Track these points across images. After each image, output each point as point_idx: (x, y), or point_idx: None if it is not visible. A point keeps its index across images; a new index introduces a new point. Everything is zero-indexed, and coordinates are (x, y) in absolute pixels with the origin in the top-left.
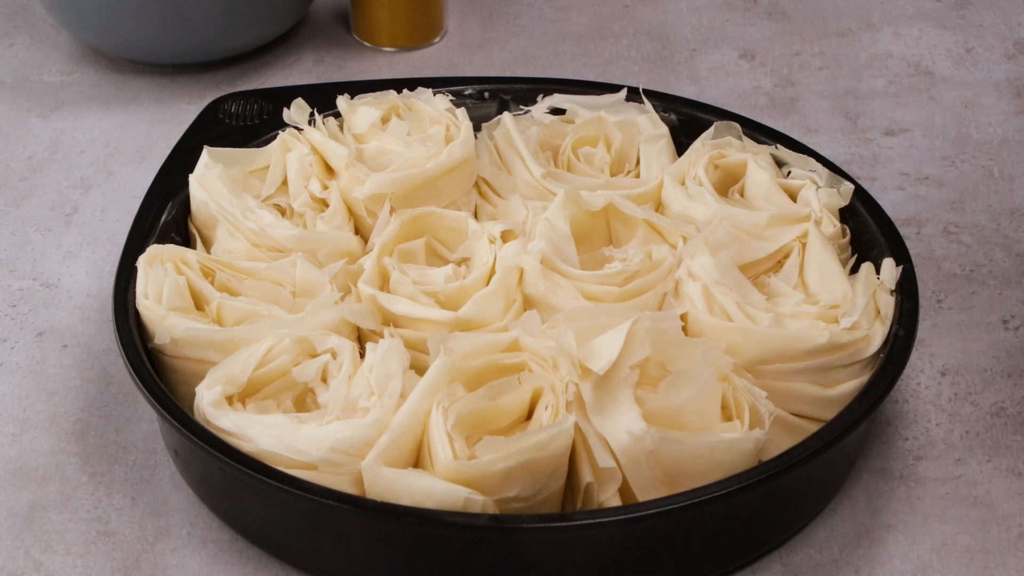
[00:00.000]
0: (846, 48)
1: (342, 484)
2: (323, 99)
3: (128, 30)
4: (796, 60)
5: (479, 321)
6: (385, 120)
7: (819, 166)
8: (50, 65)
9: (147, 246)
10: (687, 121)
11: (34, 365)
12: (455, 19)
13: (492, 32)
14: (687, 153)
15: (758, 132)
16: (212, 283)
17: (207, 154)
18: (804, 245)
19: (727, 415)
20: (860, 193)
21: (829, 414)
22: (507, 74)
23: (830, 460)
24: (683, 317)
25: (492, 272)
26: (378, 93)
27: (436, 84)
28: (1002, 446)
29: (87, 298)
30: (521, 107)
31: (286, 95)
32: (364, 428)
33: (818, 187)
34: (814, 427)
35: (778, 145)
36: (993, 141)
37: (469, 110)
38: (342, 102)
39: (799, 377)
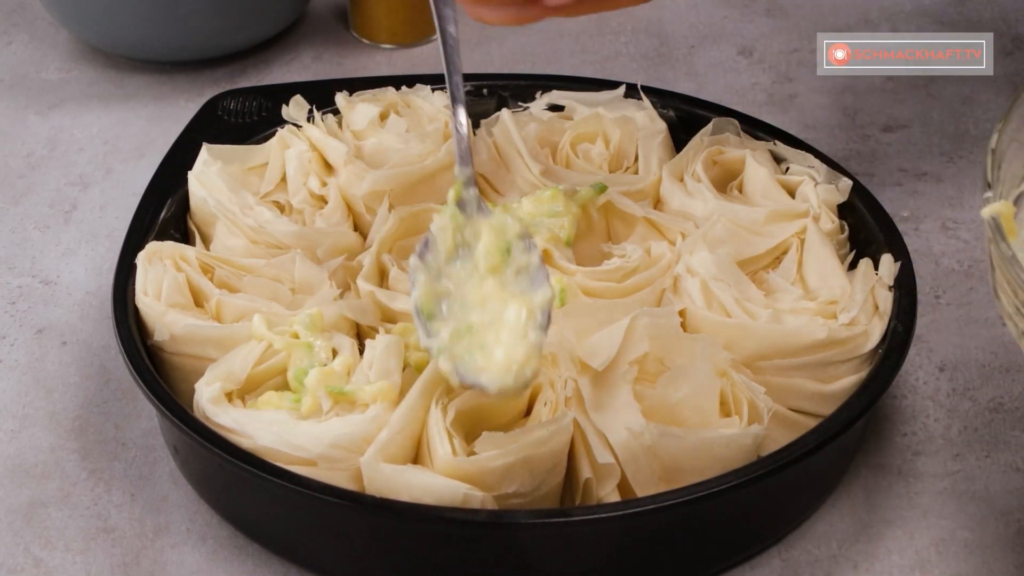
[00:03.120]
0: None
1: (341, 480)
2: (322, 96)
3: (127, 28)
4: (794, 56)
5: None
6: (384, 117)
7: (817, 162)
8: (49, 63)
9: (146, 243)
10: (685, 117)
11: (33, 362)
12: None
13: (490, 29)
14: (685, 149)
15: (756, 128)
16: (211, 280)
17: (206, 151)
18: (802, 241)
19: (726, 411)
20: (858, 189)
21: (828, 410)
22: (505, 71)
23: (828, 455)
24: (682, 313)
25: None
26: (376, 90)
27: (435, 81)
28: (1000, 441)
29: (86, 295)
30: (519, 104)
31: (285, 92)
32: (363, 424)
33: (816, 183)
34: (813, 423)
35: (776, 141)
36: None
37: (467, 107)
38: (341, 99)
39: (797, 373)
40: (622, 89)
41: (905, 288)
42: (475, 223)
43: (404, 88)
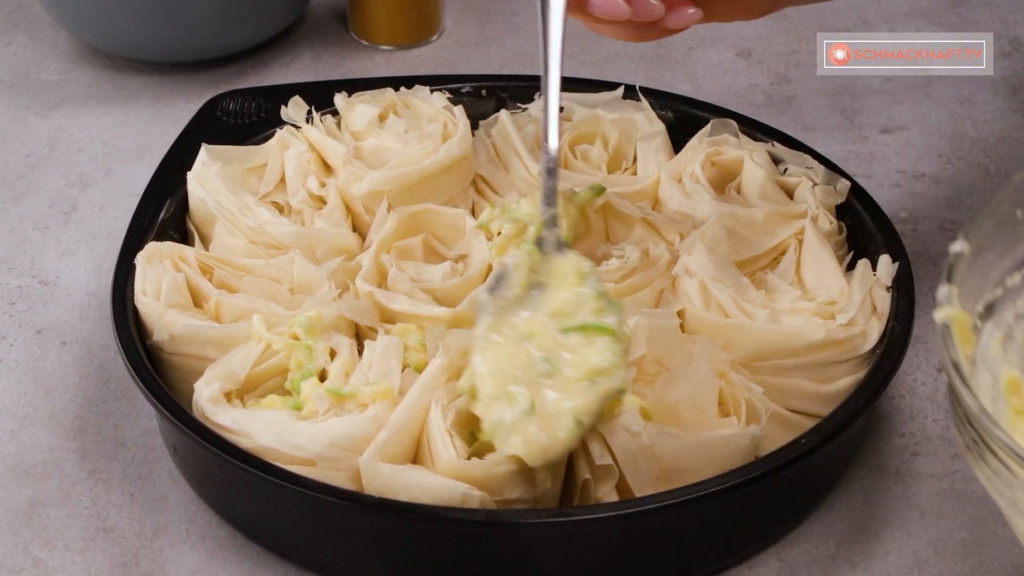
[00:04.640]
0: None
1: (340, 480)
2: (321, 97)
3: (126, 28)
4: (793, 58)
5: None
6: (383, 118)
7: (816, 163)
8: (48, 63)
9: (145, 243)
10: (684, 119)
11: (33, 362)
12: (452, 17)
13: (489, 30)
14: (684, 150)
15: (755, 129)
16: (210, 280)
17: (205, 152)
18: (801, 242)
19: (724, 411)
20: (856, 190)
21: (826, 410)
22: (504, 72)
23: (826, 456)
24: (680, 314)
25: (489, 269)
26: (375, 91)
27: (433, 82)
28: None
29: (86, 295)
30: (518, 105)
31: (284, 93)
32: (362, 424)
33: (815, 184)
34: (811, 423)
35: (775, 142)
36: (989, 138)
37: (466, 108)
38: (340, 100)
39: (796, 373)
40: (620, 90)
41: (903, 289)
42: (550, 262)
43: (403, 89)
